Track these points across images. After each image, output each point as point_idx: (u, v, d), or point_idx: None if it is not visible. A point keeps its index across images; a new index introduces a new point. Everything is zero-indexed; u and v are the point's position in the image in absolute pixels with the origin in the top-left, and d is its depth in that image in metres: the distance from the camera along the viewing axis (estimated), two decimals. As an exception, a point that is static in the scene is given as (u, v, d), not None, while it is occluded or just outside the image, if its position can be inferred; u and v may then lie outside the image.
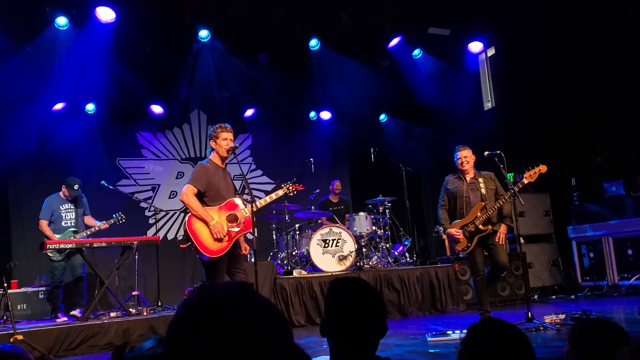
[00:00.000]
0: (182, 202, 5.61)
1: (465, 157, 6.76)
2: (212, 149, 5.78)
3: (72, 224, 8.29)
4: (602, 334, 2.02)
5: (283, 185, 6.23)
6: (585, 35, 9.30)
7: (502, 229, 6.61)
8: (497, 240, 6.54)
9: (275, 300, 7.99)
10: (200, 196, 5.58)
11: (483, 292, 6.67)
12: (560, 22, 9.58)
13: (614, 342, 1.99)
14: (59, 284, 8.11)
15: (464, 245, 6.61)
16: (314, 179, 10.96)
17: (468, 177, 6.78)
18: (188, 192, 5.49)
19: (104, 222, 8.35)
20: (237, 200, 5.74)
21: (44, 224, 8.18)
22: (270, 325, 1.02)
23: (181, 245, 5.46)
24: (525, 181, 6.49)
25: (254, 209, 5.57)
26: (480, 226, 6.51)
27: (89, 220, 8.49)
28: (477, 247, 6.60)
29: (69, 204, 8.32)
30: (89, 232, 8.23)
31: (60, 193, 8.34)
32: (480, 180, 6.71)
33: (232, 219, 5.62)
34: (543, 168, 6.49)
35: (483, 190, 6.64)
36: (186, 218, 5.56)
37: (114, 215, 8.50)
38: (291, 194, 6.28)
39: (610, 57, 9.04)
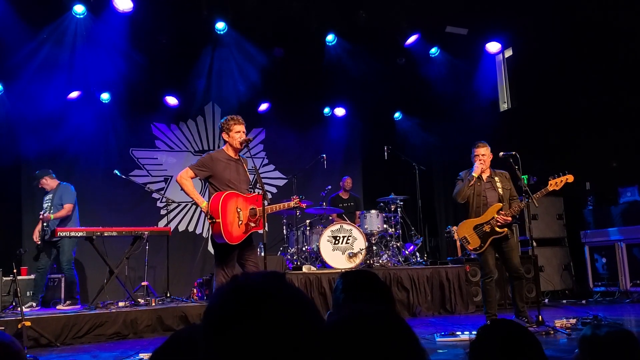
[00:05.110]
0: (177, 182, 5.74)
1: (484, 155, 6.55)
2: (225, 141, 5.80)
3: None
4: (613, 341, 1.97)
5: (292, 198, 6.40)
6: (602, 39, 9.20)
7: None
8: (511, 242, 6.45)
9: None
10: (211, 185, 5.64)
11: (492, 295, 6.54)
12: (578, 26, 9.46)
13: (626, 350, 1.95)
14: (40, 272, 8.28)
15: (477, 245, 6.46)
16: (326, 175, 10.98)
17: (484, 176, 6.60)
18: (184, 174, 5.68)
19: (48, 214, 8.28)
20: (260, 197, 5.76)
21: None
22: (304, 313, 1.05)
23: (209, 221, 5.55)
24: (550, 189, 6.38)
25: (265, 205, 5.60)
26: (497, 228, 6.39)
27: None
28: (489, 248, 6.48)
29: (49, 195, 8.48)
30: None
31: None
32: (497, 179, 6.56)
33: (253, 214, 5.66)
34: (570, 178, 6.40)
35: (500, 190, 6.49)
36: (224, 195, 5.54)
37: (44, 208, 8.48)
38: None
39: (628, 60, 8.93)
